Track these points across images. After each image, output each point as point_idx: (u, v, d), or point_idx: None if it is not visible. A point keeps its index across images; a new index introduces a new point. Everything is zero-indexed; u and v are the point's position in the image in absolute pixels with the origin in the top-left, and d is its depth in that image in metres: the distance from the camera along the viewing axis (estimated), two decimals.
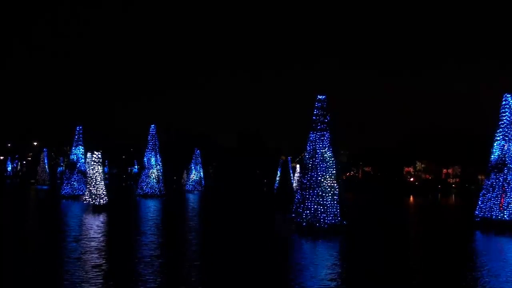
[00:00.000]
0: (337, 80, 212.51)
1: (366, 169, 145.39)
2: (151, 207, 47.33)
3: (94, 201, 41.86)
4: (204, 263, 20.74)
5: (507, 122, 34.02)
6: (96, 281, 16.36)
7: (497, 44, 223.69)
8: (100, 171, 43.52)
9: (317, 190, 29.55)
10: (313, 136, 30.60)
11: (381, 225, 36.94)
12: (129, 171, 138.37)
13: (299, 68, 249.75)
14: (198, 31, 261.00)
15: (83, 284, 15.91)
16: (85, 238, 25.48)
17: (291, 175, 78.55)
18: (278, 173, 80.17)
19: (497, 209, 32.84)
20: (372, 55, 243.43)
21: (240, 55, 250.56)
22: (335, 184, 30.07)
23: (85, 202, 42.73)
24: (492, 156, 34.41)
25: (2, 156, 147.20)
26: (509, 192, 32.76)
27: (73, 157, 59.60)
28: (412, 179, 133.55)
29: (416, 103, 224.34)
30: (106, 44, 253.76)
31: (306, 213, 29.46)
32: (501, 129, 34.21)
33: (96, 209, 40.14)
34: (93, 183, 42.43)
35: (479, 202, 34.34)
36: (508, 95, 34.36)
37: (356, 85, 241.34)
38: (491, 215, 32.96)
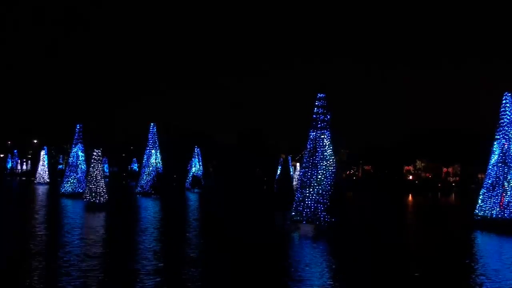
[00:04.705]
0: (337, 80, 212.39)
1: (366, 167, 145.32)
2: (150, 205, 47.28)
3: (94, 199, 41.84)
4: (203, 263, 20.70)
5: (508, 120, 33.92)
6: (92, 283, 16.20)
7: (497, 43, 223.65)
8: (100, 168, 43.49)
9: (317, 189, 29.51)
10: (313, 135, 30.54)
11: (381, 224, 36.91)
12: (129, 169, 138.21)
13: (299, 67, 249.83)
14: (198, 31, 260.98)
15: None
16: (83, 239, 25.42)
17: (291, 173, 78.48)
18: (278, 171, 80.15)
19: (497, 208, 32.78)
20: (372, 55, 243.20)
21: (239, 54, 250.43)
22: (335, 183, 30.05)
23: (85, 200, 42.67)
24: (493, 155, 34.32)
25: (2, 153, 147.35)
26: (509, 191, 32.67)
27: (73, 155, 59.46)
28: (412, 178, 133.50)
29: (416, 102, 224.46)
30: (106, 44, 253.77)
31: (306, 212, 29.43)
32: (501, 128, 34.10)
33: (96, 207, 40.11)
34: (93, 181, 42.40)
35: (479, 201, 34.26)
36: (508, 94, 34.25)
37: (356, 85, 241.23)
38: (492, 214, 32.90)
